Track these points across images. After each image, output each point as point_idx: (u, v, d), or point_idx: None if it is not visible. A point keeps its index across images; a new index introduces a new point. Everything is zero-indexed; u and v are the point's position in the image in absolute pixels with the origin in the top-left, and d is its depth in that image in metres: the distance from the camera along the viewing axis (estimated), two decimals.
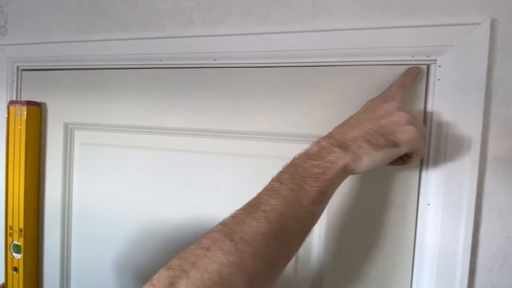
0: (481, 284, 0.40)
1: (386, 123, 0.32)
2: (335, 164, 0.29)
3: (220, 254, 0.24)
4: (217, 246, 0.24)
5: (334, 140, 0.31)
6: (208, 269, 0.23)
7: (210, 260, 0.24)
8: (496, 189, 0.39)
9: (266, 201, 0.28)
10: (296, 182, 0.29)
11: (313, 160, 0.30)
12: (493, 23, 0.38)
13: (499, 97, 0.38)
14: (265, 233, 0.26)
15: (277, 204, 0.27)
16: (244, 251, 0.24)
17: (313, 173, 0.29)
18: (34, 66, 0.60)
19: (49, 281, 0.61)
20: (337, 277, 0.45)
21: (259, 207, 0.27)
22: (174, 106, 0.51)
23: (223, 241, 0.25)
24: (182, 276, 0.23)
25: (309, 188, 0.29)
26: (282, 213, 0.27)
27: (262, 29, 0.46)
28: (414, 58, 0.40)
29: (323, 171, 0.29)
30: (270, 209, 0.27)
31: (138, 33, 0.52)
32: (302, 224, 0.29)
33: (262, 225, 0.26)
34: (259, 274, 0.25)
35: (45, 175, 0.60)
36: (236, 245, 0.24)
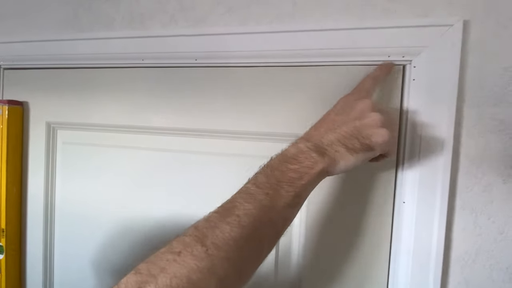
0: (455, 280, 0.41)
1: (360, 126, 0.32)
2: (312, 170, 0.30)
3: (190, 259, 0.24)
4: (187, 251, 0.24)
5: (312, 144, 0.32)
6: (177, 274, 0.23)
7: (179, 265, 0.23)
8: (469, 187, 0.40)
9: (240, 204, 0.28)
10: (272, 187, 0.29)
11: (291, 164, 0.30)
12: (466, 24, 0.39)
13: (472, 97, 0.39)
14: (237, 238, 0.26)
15: (251, 208, 0.27)
16: (215, 256, 0.24)
17: (290, 178, 0.29)
18: (16, 65, 0.59)
19: (32, 281, 0.61)
20: (316, 273, 0.46)
21: (233, 211, 0.27)
22: (157, 105, 0.51)
23: (194, 246, 0.24)
24: (150, 281, 0.22)
25: (285, 193, 0.29)
26: (256, 218, 0.27)
27: (243, 29, 0.46)
28: (390, 58, 0.41)
29: (300, 176, 0.30)
30: (244, 213, 0.27)
31: (120, 32, 0.52)
32: (275, 228, 0.29)
33: (235, 229, 0.26)
34: (230, 278, 0.25)
35: (27, 174, 0.60)
36: (207, 250, 0.24)
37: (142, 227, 0.53)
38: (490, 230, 0.40)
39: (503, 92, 0.39)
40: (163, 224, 0.52)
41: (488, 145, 0.39)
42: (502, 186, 0.39)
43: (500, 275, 0.40)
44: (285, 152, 0.32)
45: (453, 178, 0.40)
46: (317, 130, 0.34)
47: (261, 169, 0.31)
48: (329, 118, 0.35)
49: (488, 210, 0.40)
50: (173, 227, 0.52)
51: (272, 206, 0.28)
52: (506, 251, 0.40)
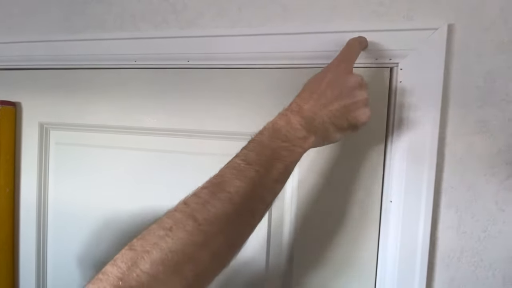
0: (441, 278, 0.42)
1: (350, 105, 0.33)
2: (302, 147, 0.31)
3: (183, 234, 0.24)
4: (179, 227, 0.24)
5: (305, 122, 0.31)
6: (172, 248, 0.23)
7: (172, 240, 0.24)
8: (453, 186, 0.41)
9: (231, 181, 0.28)
10: (263, 164, 0.29)
11: (282, 141, 0.30)
12: (450, 28, 0.40)
13: (456, 98, 0.40)
14: (229, 213, 0.26)
15: (242, 185, 0.27)
16: (208, 231, 0.25)
17: (280, 156, 0.30)
18: (8, 65, 0.59)
19: (25, 280, 0.61)
20: (306, 267, 0.46)
21: (223, 187, 0.27)
22: (149, 106, 0.52)
23: (186, 221, 0.25)
24: (145, 256, 0.23)
25: (275, 170, 0.29)
26: (247, 194, 0.27)
27: (234, 31, 0.47)
28: (378, 61, 0.42)
29: (290, 153, 0.30)
30: (235, 190, 0.27)
31: (112, 34, 0.52)
32: (265, 203, 0.30)
33: (226, 205, 0.26)
34: (223, 251, 0.26)
35: (20, 175, 0.60)
36: (200, 225, 0.25)
37: (134, 226, 0.54)
38: (474, 228, 0.41)
39: (487, 94, 0.40)
40: None
41: (472, 146, 0.40)
42: (485, 185, 0.40)
43: (484, 272, 0.41)
44: (276, 126, 0.31)
45: (438, 177, 0.41)
46: (308, 103, 0.33)
47: (251, 144, 0.31)
48: (320, 90, 0.33)
49: (472, 209, 0.41)
50: None
51: (262, 183, 0.28)
52: (490, 248, 0.41)
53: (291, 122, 0.31)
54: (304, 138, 0.31)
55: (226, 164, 0.30)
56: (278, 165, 0.29)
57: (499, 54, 0.39)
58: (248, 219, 0.29)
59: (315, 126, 0.32)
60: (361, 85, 0.33)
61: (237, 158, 0.30)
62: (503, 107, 0.39)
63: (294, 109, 0.32)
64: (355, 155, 0.44)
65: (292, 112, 0.32)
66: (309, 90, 0.34)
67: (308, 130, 0.31)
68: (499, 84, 0.39)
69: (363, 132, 0.43)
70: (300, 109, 0.32)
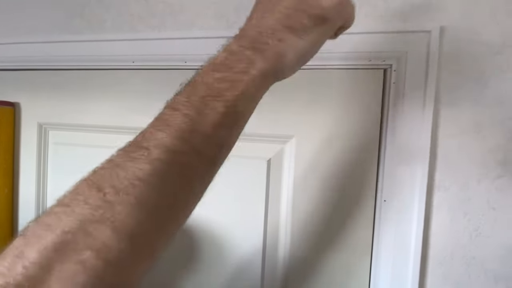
0: (434, 276, 0.43)
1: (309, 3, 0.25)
2: (247, 74, 0.23)
3: (82, 209, 0.18)
4: (79, 200, 0.19)
5: (247, 41, 0.24)
6: (66, 229, 0.17)
7: (70, 218, 0.18)
8: (446, 185, 0.42)
9: (151, 135, 0.22)
10: (194, 105, 0.22)
11: (218, 72, 0.23)
12: (442, 30, 0.40)
13: (448, 99, 0.41)
14: (146, 176, 0.20)
15: (164, 137, 0.21)
16: (116, 202, 0.18)
17: (217, 90, 0.22)
18: (8, 66, 0.60)
19: None
20: (302, 269, 0.47)
21: (140, 144, 0.21)
22: (147, 106, 0.52)
23: (88, 192, 0.19)
24: (34, 242, 0.17)
25: (210, 110, 0.22)
26: (170, 148, 0.21)
27: (230, 32, 0.48)
28: (371, 62, 0.43)
29: (231, 85, 0.23)
30: (154, 144, 0.21)
31: (110, 35, 0.53)
32: (202, 157, 0.22)
33: (141, 166, 0.20)
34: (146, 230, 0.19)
35: (19, 174, 0.60)
36: (105, 195, 0.19)
37: None
38: (466, 227, 0.41)
39: (478, 95, 0.41)
40: None
41: (464, 146, 0.41)
42: (477, 185, 0.41)
43: (476, 269, 0.42)
44: (212, 59, 0.24)
45: (431, 177, 0.41)
46: (252, 19, 0.26)
47: (181, 87, 0.24)
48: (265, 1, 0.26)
49: (464, 208, 0.41)
50: None
51: (193, 130, 0.22)
52: (481, 247, 0.41)
53: (231, 49, 0.24)
54: (247, 61, 0.23)
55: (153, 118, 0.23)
56: (214, 103, 0.22)
57: (490, 56, 0.40)
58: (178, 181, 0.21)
59: (262, 40, 0.24)
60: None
61: (164, 107, 0.24)
62: (494, 108, 0.40)
63: (237, 35, 0.25)
64: (349, 155, 0.44)
65: (234, 37, 0.25)
66: (253, 7, 0.27)
67: (252, 48, 0.23)
68: (491, 85, 0.40)
69: (357, 132, 0.44)
70: (242, 31, 0.25)
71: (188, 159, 0.21)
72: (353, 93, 0.44)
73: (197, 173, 0.22)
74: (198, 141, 0.22)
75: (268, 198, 0.48)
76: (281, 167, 0.47)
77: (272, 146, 0.48)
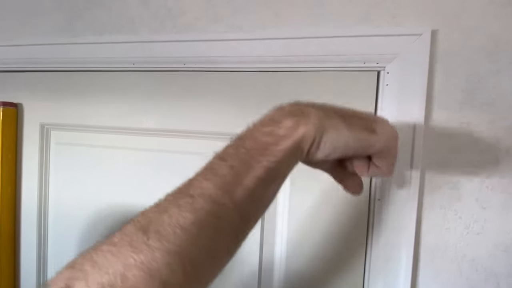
0: (426, 273, 0.44)
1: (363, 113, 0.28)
2: (292, 131, 0.23)
3: (126, 251, 0.19)
4: (125, 241, 0.20)
5: (300, 106, 0.25)
6: (110, 270, 0.18)
7: (114, 258, 0.19)
8: (438, 185, 0.43)
9: (198, 183, 0.22)
10: (239, 157, 0.23)
11: (265, 127, 0.24)
12: (434, 33, 0.41)
13: (440, 101, 0.42)
14: (187, 225, 0.20)
15: (209, 187, 0.22)
16: (157, 248, 0.19)
17: (263, 144, 0.23)
18: (10, 67, 0.61)
19: (26, 277, 0.62)
20: (298, 270, 0.48)
21: (187, 191, 0.22)
22: (147, 107, 0.54)
23: (135, 234, 0.20)
24: (80, 277, 0.19)
25: (255, 163, 0.22)
26: (214, 198, 0.21)
27: (229, 35, 0.49)
28: (365, 64, 0.44)
29: (276, 140, 0.23)
30: (199, 193, 0.21)
31: (111, 37, 0.54)
32: (240, 213, 0.22)
33: (185, 214, 0.20)
34: (177, 279, 0.20)
35: (21, 174, 0.61)
36: (148, 240, 0.19)
37: None
38: (458, 225, 0.43)
39: (469, 97, 0.42)
40: None
41: (455, 146, 0.42)
42: (468, 184, 0.42)
43: (467, 267, 0.43)
44: (264, 116, 0.26)
45: (423, 176, 0.42)
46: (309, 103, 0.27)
47: (232, 139, 0.25)
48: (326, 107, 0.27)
49: (455, 207, 0.42)
50: None
51: (237, 183, 0.22)
52: (472, 245, 0.42)
53: (282, 107, 0.26)
54: (294, 121, 0.24)
55: (203, 166, 0.24)
56: (259, 157, 0.23)
57: (481, 58, 0.41)
58: (214, 234, 0.21)
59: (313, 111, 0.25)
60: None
61: (214, 157, 0.24)
62: (485, 109, 0.41)
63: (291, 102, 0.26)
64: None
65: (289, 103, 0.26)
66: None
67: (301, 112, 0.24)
68: (481, 86, 0.41)
69: None
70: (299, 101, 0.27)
71: (227, 212, 0.22)
72: (348, 94, 0.45)
73: (233, 227, 0.22)
74: (239, 194, 0.22)
75: None
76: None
77: None
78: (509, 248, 0.41)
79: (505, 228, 0.41)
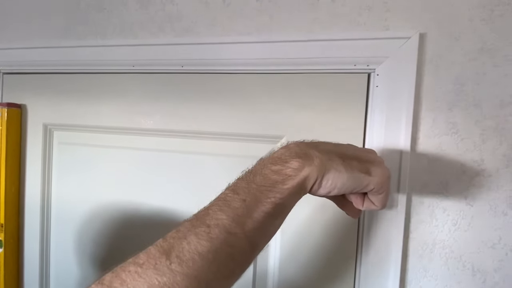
0: (414, 268, 0.45)
1: (362, 154, 0.31)
2: (297, 172, 0.27)
3: (152, 273, 0.22)
4: (150, 263, 0.22)
5: (304, 146, 0.29)
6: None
7: (141, 279, 0.22)
8: (425, 182, 0.44)
9: (213, 213, 0.25)
10: (251, 192, 0.26)
11: (274, 165, 0.27)
12: (422, 37, 0.43)
13: (427, 102, 0.44)
14: (204, 252, 0.23)
15: (223, 218, 0.25)
16: (178, 272, 0.22)
17: (271, 181, 0.26)
18: (15, 69, 0.63)
19: (29, 273, 0.64)
20: (290, 271, 0.50)
21: (204, 220, 0.25)
22: (146, 108, 0.55)
23: (159, 258, 0.23)
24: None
25: (264, 199, 0.26)
26: (228, 229, 0.24)
27: (225, 39, 0.51)
28: (356, 67, 0.45)
29: (283, 179, 0.26)
30: (215, 223, 0.24)
31: (112, 40, 0.56)
32: (250, 243, 0.25)
33: (202, 242, 0.23)
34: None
35: (25, 173, 0.63)
36: (170, 264, 0.22)
37: (132, 222, 0.57)
38: (445, 222, 0.44)
39: (456, 98, 0.43)
40: (154, 220, 0.56)
41: (443, 146, 0.44)
42: (455, 182, 0.43)
43: (455, 262, 0.44)
44: (272, 153, 0.29)
45: (411, 175, 0.44)
46: (312, 142, 0.31)
47: (244, 173, 0.28)
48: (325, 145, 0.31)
49: (443, 204, 0.44)
50: (164, 221, 0.56)
51: (247, 216, 0.25)
52: (460, 241, 0.44)
53: (289, 146, 0.29)
54: (299, 163, 0.27)
55: (217, 196, 0.28)
56: (268, 193, 0.26)
57: (467, 61, 0.43)
58: (227, 261, 0.24)
59: (316, 153, 0.28)
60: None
61: (227, 188, 0.28)
62: (471, 110, 0.43)
63: (298, 141, 0.30)
64: None
65: (295, 141, 0.30)
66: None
67: (305, 154, 0.28)
68: (468, 88, 0.43)
69: (342, 132, 0.47)
70: (304, 141, 0.31)
71: (239, 241, 0.25)
72: (339, 95, 0.47)
73: (243, 254, 0.25)
74: (249, 226, 0.25)
75: None
76: None
77: (264, 146, 0.51)
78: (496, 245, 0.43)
79: (492, 225, 0.43)
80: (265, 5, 0.49)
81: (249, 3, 0.50)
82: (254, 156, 0.52)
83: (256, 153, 0.51)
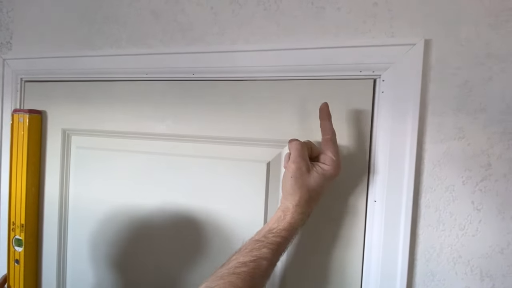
0: (422, 273, 0.45)
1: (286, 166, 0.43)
2: (287, 219, 0.41)
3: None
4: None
5: (290, 200, 0.42)
6: None
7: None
8: (432, 187, 0.45)
9: (258, 251, 0.38)
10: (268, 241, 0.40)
11: (273, 220, 0.42)
12: (427, 43, 0.44)
13: (433, 107, 0.44)
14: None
15: (266, 252, 0.38)
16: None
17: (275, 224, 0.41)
18: (36, 78, 0.67)
19: (47, 271, 0.67)
20: (296, 270, 0.51)
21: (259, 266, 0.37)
22: (159, 114, 0.58)
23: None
24: None
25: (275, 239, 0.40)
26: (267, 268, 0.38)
27: (234, 47, 0.52)
28: (362, 73, 0.46)
29: (278, 224, 0.41)
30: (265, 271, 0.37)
31: (127, 50, 0.59)
32: (274, 265, 0.39)
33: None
34: None
35: (44, 175, 0.67)
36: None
37: (146, 224, 0.59)
38: (453, 226, 0.44)
39: (462, 103, 0.43)
40: (169, 220, 0.58)
41: (449, 150, 0.44)
42: (462, 186, 0.44)
43: (463, 267, 0.44)
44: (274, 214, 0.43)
45: (417, 179, 0.44)
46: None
47: (259, 231, 0.42)
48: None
49: (450, 208, 0.44)
50: (177, 224, 0.58)
51: (280, 253, 0.40)
52: (467, 245, 0.44)
53: (284, 205, 0.42)
54: (293, 212, 0.41)
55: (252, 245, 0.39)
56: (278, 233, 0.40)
57: (472, 67, 0.43)
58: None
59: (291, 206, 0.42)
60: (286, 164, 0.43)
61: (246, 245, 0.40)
62: (477, 115, 0.43)
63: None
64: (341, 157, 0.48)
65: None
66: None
67: (297, 207, 0.41)
68: (473, 93, 0.43)
69: (350, 136, 0.48)
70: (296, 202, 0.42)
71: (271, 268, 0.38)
72: (346, 101, 0.48)
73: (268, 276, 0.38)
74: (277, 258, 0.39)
75: (268, 197, 0.52)
76: (279, 169, 0.51)
77: (271, 150, 0.52)
78: (505, 249, 0.43)
79: (500, 230, 0.42)
80: (272, 14, 0.51)
81: (256, 13, 0.52)
82: (263, 160, 0.54)
83: (264, 157, 0.53)
